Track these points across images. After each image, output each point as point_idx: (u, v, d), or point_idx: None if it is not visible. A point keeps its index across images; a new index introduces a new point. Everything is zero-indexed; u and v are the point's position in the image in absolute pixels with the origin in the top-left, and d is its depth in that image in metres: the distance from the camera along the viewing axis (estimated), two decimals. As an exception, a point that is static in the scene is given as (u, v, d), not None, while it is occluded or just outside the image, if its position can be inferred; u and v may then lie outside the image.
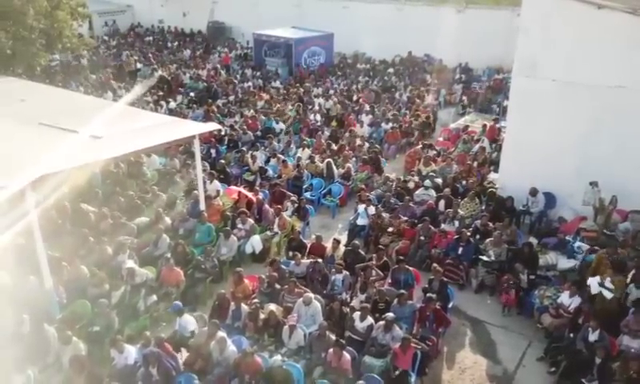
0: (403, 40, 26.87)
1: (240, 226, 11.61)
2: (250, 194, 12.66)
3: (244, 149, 15.97)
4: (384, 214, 12.07)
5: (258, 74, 25.66)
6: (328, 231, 13.11)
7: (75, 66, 25.37)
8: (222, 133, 17.24)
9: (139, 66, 26.66)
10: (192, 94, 21.90)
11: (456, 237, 11.00)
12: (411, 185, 13.67)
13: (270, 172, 14.94)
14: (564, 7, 11.35)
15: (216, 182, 13.03)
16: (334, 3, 30.02)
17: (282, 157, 15.45)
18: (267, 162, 15.14)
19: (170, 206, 12.62)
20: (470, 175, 14.04)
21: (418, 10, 27.47)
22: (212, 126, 11.93)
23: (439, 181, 13.82)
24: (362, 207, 12.42)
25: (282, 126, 18.66)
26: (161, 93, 21.96)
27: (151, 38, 34.30)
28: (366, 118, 19.02)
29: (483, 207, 12.69)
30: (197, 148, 11.08)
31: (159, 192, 13.03)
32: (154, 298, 9.42)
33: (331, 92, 22.35)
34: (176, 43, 32.98)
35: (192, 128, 11.08)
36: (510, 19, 24.88)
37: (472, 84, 23.64)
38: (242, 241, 11.40)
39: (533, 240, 11.35)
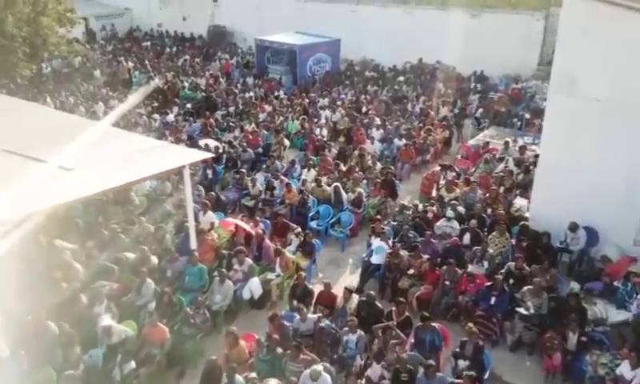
0: (413, 46, 25.24)
1: (237, 267, 10.09)
2: (248, 227, 11.14)
3: (243, 170, 14.43)
4: (402, 253, 10.52)
5: (260, 82, 24.07)
6: (337, 268, 11.60)
7: (67, 73, 23.90)
8: (220, 150, 15.75)
9: (135, 73, 25.19)
10: (189, 106, 20.36)
11: (488, 284, 9.44)
12: (431, 215, 12.12)
13: (277, 191, 13.43)
14: (610, 16, 9.77)
15: (210, 214, 11.49)
16: (340, 7, 28.51)
17: (285, 179, 13.92)
18: (267, 187, 13.55)
19: (159, 241, 11.11)
20: (497, 203, 12.45)
21: (429, 14, 25.86)
22: (203, 154, 10.39)
23: (462, 209, 12.27)
24: (376, 242, 10.89)
25: (284, 142, 17.14)
26: (155, 104, 20.50)
27: (149, 43, 32.74)
28: (376, 133, 17.46)
29: (513, 241, 11.15)
30: (186, 179, 9.55)
31: (147, 224, 11.52)
32: (132, 364, 7.90)
33: (338, 103, 20.79)
34: (174, 48, 31.43)
35: (181, 156, 9.56)
36: (528, 24, 23.48)
37: (489, 94, 21.99)
38: (239, 285, 9.89)
39: (574, 285, 9.81)
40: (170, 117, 19.23)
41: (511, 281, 9.76)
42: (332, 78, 25.00)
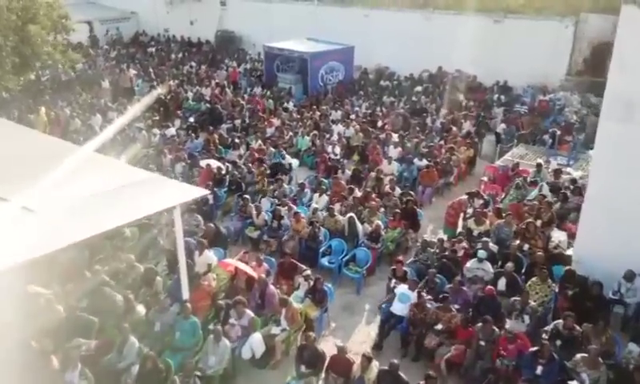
0: (431, 53, 23.75)
1: (235, 321, 8.66)
2: (250, 270, 9.71)
3: (247, 196, 13.01)
4: (428, 305, 9.03)
5: (269, 93, 22.64)
6: (352, 316, 10.15)
7: (66, 82, 22.63)
8: (223, 171, 14.36)
9: (138, 81, 23.90)
10: (192, 120, 18.99)
11: (534, 349, 7.93)
12: (461, 252, 10.62)
13: (285, 220, 12.02)
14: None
15: (207, 254, 10.05)
16: (353, 11, 27.11)
17: (293, 207, 12.48)
18: (273, 216, 12.12)
19: (148, 284, 9.71)
20: (535, 239, 10.91)
21: (448, 19, 24.30)
22: (197, 192, 8.91)
23: (494, 247, 10.75)
24: (401, 288, 9.42)
25: (292, 160, 15.73)
26: (156, 116, 19.16)
27: (153, 49, 31.47)
28: (393, 152, 15.94)
29: (556, 288, 9.63)
30: (177, 222, 8.14)
31: (136, 263, 10.13)
32: None
33: (352, 116, 19.31)
34: (180, 55, 30.12)
35: (171, 195, 8.13)
36: (556, 31, 21.89)
37: (514, 106, 20.42)
38: (238, 342, 8.48)
39: (634, 347, 8.27)
40: (171, 130, 17.87)
41: (558, 342, 8.26)
42: (345, 87, 23.52)
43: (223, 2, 31.90)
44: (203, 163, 14.60)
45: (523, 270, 10.19)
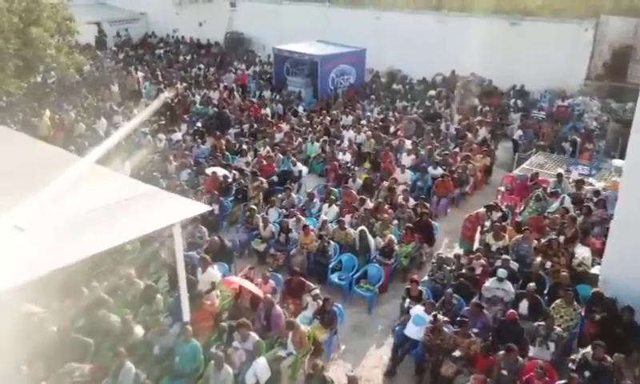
0: (445, 56, 23.02)
1: (238, 344, 8.11)
2: (255, 289, 9.16)
3: (254, 206, 12.48)
4: (445, 329, 8.43)
5: (278, 96, 22.10)
6: (363, 337, 9.58)
7: (72, 84, 22.21)
8: (229, 179, 13.84)
9: (145, 83, 23.47)
10: (199, 124, 18.49)
11: (563, 382, 7.31)
12: (479, 270, 10.01)
13: (293, 233, 11.47)
14: None
15: (210, 272, 9.49)
16: (365, 13, 26.54)
17: (302, 219, 11.92)
18: (281, 229, 11.58)
19: (148, 302, 9.19)
20: (558, 256, 10.26)
21: (463, 22, 23.62)
22: (198, 209, 8.34)
23: (514, 265, 10.11)
24: (416, 310, 8.83)
25: (302, 168, 15.18)
26: (162, 120, 18.70)
27: (162, 51, 31.07)
28: (406, 159, 15.34)
29: (581, 311, 8.99)
30: (177, 240, 7.61)
31: (136, 279, 9.62)
32: None
33: (363, 122, 18.72)
34: (189, 56, 29.68)
35: (170, 213, 7.60)
36: (575, 34, 21.18)
37: (531, 112, 19.72)
38: (241, 368, 7.93)
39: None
40: (178, 135, 17.40)
41: (587, 373, 7.63)
42: (356, 91, 22.92)
43: (233, 3, 31.46)
44: (209, 171, 14.09)
45: (546, 290, 9.58)
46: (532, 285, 9.23)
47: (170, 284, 9.79)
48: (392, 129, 18.07)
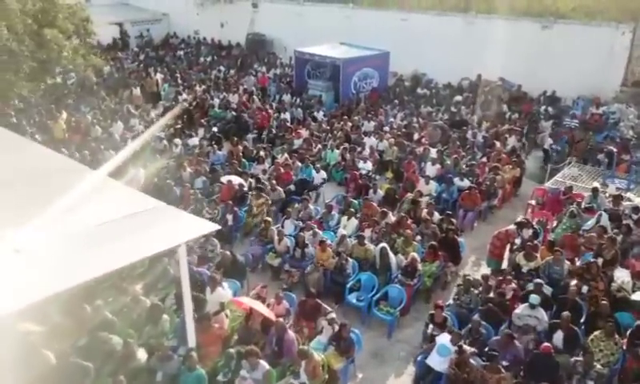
0: (472, 60, 22.18)
1: (247, 374, 7.51)
2: (266, 311, 8.56)
3: (269, 218, 11.89)
4: (473, 361, 7.71)
5: (298, 100, 21.50)
6: (381, 365, 8.90)
7: (90, 86, 21.93)
8: (245, 188, 13.29)
9: (164, 85, 23.10)
10: (214, 129, 17.98)
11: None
12: (510, 294, 9.25)
13: (310, 248, 10.84)
14: None
15: (220, 292, 8.92)
16: (390, 14, 25.87)
17: (319, 232, 11.29)
18: (296, 243, 10.96)
19: (153, 322, 8.65)
20: (596, 280, 9.43)
21: (492, 24, 22.81)
22: (205, 228, 7.75)
23: (548, 290, 9.33)
24: (442, 338, 8.14)
25: (324, 175, 14.57)
26: (179, 124, 18.26)
27: (182, 52, 30.77)
28: (431, 169, 14.58)
29: (623, 344, 8.18)
30: (182, 262, 7.05)
31: (141, 297, 9.10)
32: None
33: (386, 128, 18.00)
34: (210, 58, 29.30)
35: (177, 232, 7.02)
36: (611, 38, 20.16)
37: (563, 119, 18.77)
38: (250, 400, 7.34)
39: None
40: (194, 140, 16.89)
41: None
42: (379, 95, 22.20)
43: (255, 4, 31.05)
44: (224, 179, 13.54)
45: (582, 319, 8.79)
46: (567, 313, 8.44)
47: (178, 302, 9.24)
48: (416, 136, 17.29)
